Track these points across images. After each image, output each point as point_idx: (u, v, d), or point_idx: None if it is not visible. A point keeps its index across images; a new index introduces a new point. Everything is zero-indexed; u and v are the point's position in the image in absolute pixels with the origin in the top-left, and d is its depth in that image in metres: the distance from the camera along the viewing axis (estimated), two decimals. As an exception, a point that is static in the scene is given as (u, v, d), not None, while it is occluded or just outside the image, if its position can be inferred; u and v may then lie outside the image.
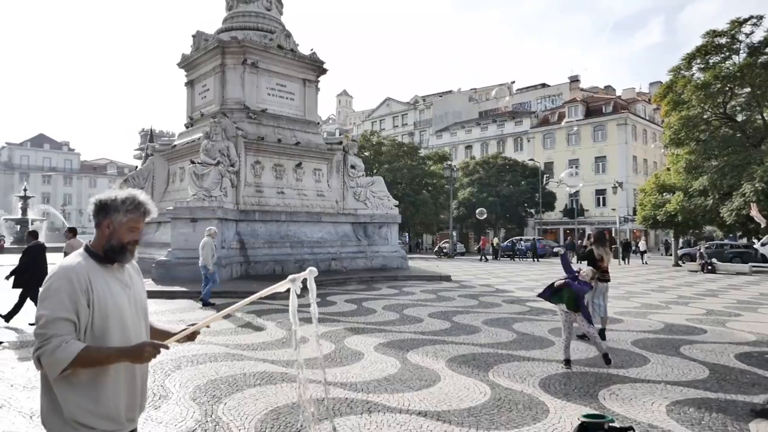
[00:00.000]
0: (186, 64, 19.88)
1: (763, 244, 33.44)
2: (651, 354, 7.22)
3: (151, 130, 60.21)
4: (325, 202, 19.15)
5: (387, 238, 20.12)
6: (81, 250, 2.13)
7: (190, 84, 20.22)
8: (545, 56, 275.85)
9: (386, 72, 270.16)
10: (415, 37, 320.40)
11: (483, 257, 35.96)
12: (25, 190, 48.75)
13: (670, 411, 4.92)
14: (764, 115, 26.24)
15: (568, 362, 6.42)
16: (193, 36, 19.27)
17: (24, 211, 46.68)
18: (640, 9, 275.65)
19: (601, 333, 8.13)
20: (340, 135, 73.62)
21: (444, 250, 42.91)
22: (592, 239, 9.00)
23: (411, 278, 17.91)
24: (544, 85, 73.17)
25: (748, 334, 8.80)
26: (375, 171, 41.23)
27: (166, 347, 2.02)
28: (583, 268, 6.87)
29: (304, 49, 20.18)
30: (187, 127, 20.10)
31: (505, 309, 11.55)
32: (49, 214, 57.80)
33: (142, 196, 2.15)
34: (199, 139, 17.09)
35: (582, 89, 67.83)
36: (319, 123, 21.65)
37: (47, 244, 11.83)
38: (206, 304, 11.39)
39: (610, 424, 3.94)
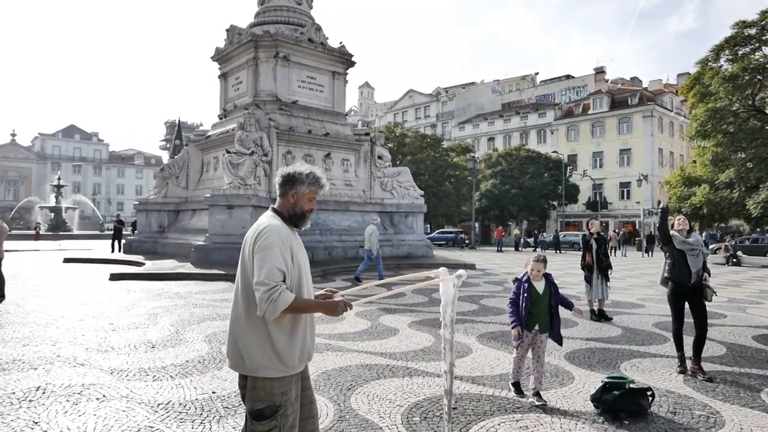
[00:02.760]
0: (220, 57, 20.57)
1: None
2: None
3: (178, 121, 61.68)
4: (353, 192, 19.71)
5: (413, 227, 20.61)
6: (270, 212, 2.59)
7: (223, 76, 20.93)
8: (570, 48, 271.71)
9: (408, 63, 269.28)
10: (438, 29, 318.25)
11: (499, 248, 36.42)
12: (59, 179, 50.48)
13: (686, 380, 5.36)
14: (794, 107, 25.95)
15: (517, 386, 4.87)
16: (227, 30, 19.93)
17: (57, 199, 48.41)
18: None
19: (600, 313, 8.58)
20: (362, 126, 74.13)
21: (466, 241, 43.27)
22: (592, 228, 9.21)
23: (436, 266, 18.35)
24: (568, 77, 72.49)
25: (767, 319, 9.11)
26: (398, 162, 41.62)
27: (351, 307, 2.52)
28: None
29: (332, 42, 20.70)
30: (220, 118, 20.83)
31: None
32: (81, 203, 59.69)
33: (319, 171, 2.65)
34: (232, 129, 17.77)
35: (607, 81, 67.07)
36: (347, 115, 22.19)
37: (77, 232, 12.65)
38: (358, 280, 13.14)
39: (631, 385, 4.44)
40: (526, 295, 4.72)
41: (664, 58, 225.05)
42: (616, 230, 39.09)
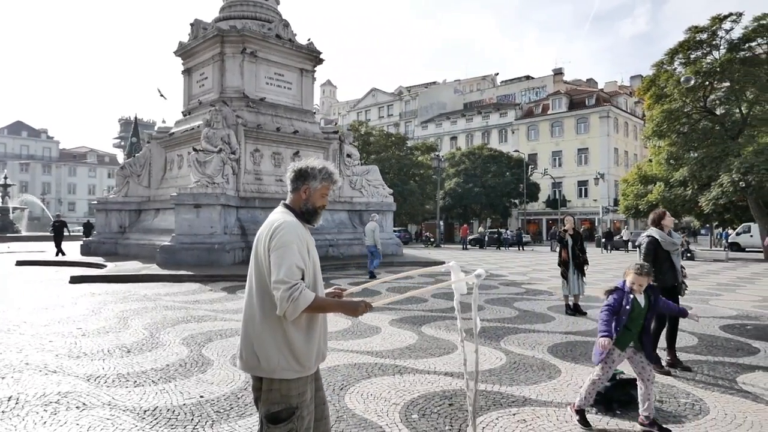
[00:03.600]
0: (183, 52, 20.00)
1: (738, 234, 34.81)
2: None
3: (134, 118, 59.62)
4: (322, 191, 19.51)
5: (382, 225, 20.59)
6: (282, 208, 2.52)
7: (187, 72, 20.36)
8: (529, 49, 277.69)
9: (371, 62, 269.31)
10: (399, 28, 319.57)
11: (465, 246, 36.94)
12: (5, 178, 48.00)
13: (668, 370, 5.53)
14: (742, 108, 27.28)
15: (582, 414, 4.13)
16: (191, 24, 19.40)
17: (4, 199, 46.01)
18: (624, 0, 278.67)
19: (576, 308, 8.80)
20: (325, 125, 73.65)
21: (431, 239, 43.65)
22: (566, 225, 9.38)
23: (407, 264, 18.45)
24: (528, 78, 74.06)
25: (729, 309, 9.54)
26: (364, 161, 41.62)
27: (372, 308, 2.45)
28: None
29: (299, 39, 20.44)
30: (184, 115, 20.27)
31: (502, 290, 12.17)
32: (29, 203, 56.95)
33: (331, 167, 2.56)
34: (198, 126, 17.33)
35: (565, 82, 68.88)
36: (315, 112, 21.99)
37: (26, 234, 12.13)
38: (372, 276, 13.75)
39: (620, 376, 4.54)
40: (628, 308, 4.13)
41: (619, 59, 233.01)
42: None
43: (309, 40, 20.57)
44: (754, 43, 26.25)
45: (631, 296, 4.17)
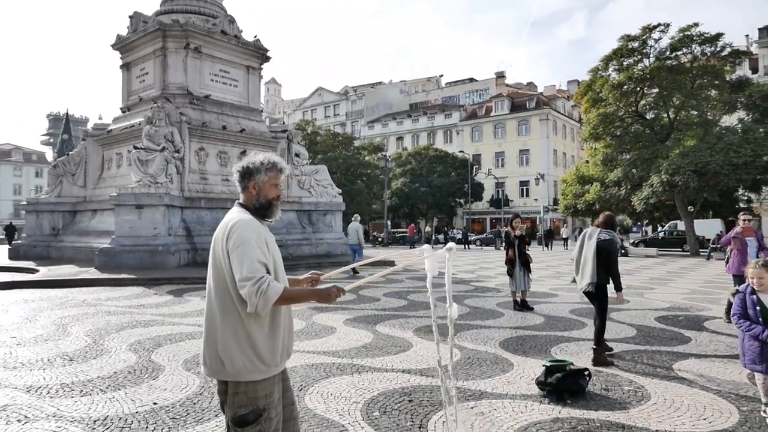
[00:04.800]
0: (122, 46, 19.14)
1: (664, 231, 37.04)
2: (587, 320, 8.26)
3: (66, 114, 56.46)
4: (270, 191, 19.21)
5: (331, 225, 20.54)
6: (237, 207, 2.46)
7: (126, 67, 19.49)
8: (472, 51, 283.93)
9: (316, 61, 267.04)
10: (345, 27, 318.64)
11: (412, 245, 37.45)
12: None
13: (611, 360, 5.85)
14: (669, 113, 29.08)
15: None
16: (131, 17, 18.59)
17: None
18: (562, 5, 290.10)
19: (523, 303, 9.14)
20: (270, 124, 72.25)
21: (379, 239, 43.89)
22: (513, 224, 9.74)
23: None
24: (471, 80, 75.79)
25: (663, 302, 10.18)
26: (311, 161, 41.32)
27: (344, 292, 2.42)
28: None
29: (246, 36, 20.04)
30: (123, 112, 19.40)
31: (452, 288, 12.41)
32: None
33: (275, 156, 2.54)
34: (139, 124, 16.65)
35: (507, 85, 71.02)
36: (262, 111, 21.60)
37: None
38: (356, 272, 14.19)
39: (570, 366, 4.77)
40: (758, 308, 3.90)
41: (558, 63, 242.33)
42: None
43: (255, 37, 20.20)
44: (680, 53, 28.03)
45: (755, 297, 3.92)
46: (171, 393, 4.68)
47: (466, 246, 38.21)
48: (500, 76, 71.20)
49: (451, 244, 2.93)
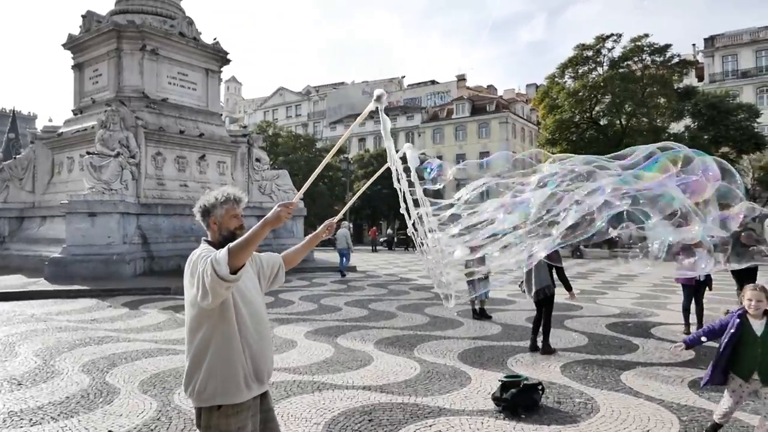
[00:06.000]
0: (74, 45, 18.44)
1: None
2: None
3: (12, 111, 53.97)
4: (230, 196, 18.93)
5: (293, 231, 20.39)
6: (203, 244, 2.51)
7: (78, 67, 18.79)
8: (433, 53, 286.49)
9: (278, 60, 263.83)
10: (307, 27, 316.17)
11: (374, 248, 37.61)
12: None
13: (563, 370, 6.09)
14: (621, 120, 30.23)
15: None
16: (83, 16, 17.93)
17: None
18: (522, 7, 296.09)
19: (482, 312, 9.39)
20: (230, 123, 70.98)
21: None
22: None
23: (319, 269, 18.47)
24: (433, 82, 76.53)
25: (614, 308, 10.61)
26: (272, 162, 40.92)
27: (296, 206, 2.40)
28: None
29: (205, 38, 19.67)
30: (75, 114, 18.70)
31: (413, 296, 12.57)
32: None
33: (227, 188, 2.61)
34: (92, 127, 16.11)
35: (468, 88, 72.07)
36: (222, 114, 21.24)
37: None
38: (343, 275, 16.05)
39: (525, 382, 4.94)
40: (733, 331, 3.77)
41: (517, 66, 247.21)
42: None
43: (215, 39, 19.86)
44: (631, 62, 29.19)
45: (738, 320, 3.77)
46: (127, 419, 4.60)
47: (428, 248, 38.59)
48: (461, 78, 72.17)
49: (379, 91, 2.75)
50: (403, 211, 2.92)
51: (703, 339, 3.98)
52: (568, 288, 7.21)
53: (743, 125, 28.21)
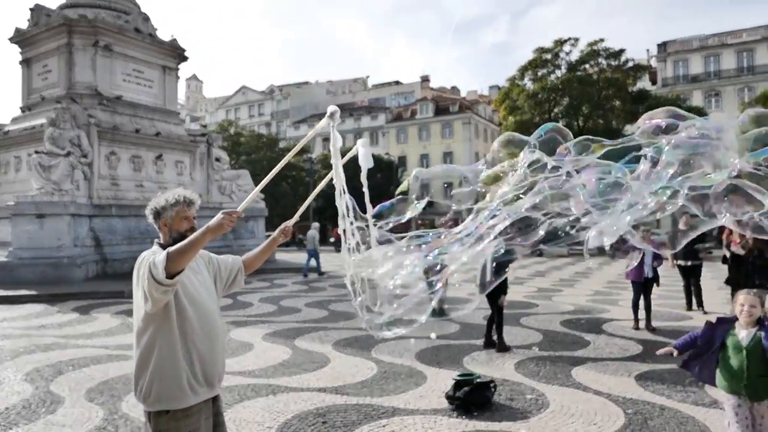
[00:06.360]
0: (21, 40, 17.67)
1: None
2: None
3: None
4: (188, 196, 18.54)
5: (254, 231, 20.13)
6: (154, 246, 2.48)
7: (26, 63, 18.01)
8: (397, 53, 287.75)
9: (240, 58, 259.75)
10: (270, 25, 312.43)
11: (338, 248, 37.56)
12: None
13: (517, 368, 6.22)
14: (579, 121, 31.07)
15: None
16: (32, 9, 17.21)
17: None
18: (486, 9, 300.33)
19: (441, 311, 9.50)
20: (191, 122, 69.50)
21: (304, 242, 43.48)
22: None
23: (280, 270, 18.28)
24: (397, 83, 76.87)
25: (569, 305, 10.89)
26: (234, 163, 40.26)
27: (240, 214, 2.34)
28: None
29: (162, 34, 19.19)
30: (23, 111, 17.93)
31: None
32: None
33: (180, 190, 2.57)
34: (41, 125, 15.48)
35: (432, 88, 72.69)
36: (180, 113, 20.76)
37: None
38: (306, 275, 16.39)
39: (478, 380, 5.02)
40: (717, 345, 3.36)
41: (481, 68, 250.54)
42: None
43: (172, 36, 19.40)
44: (588, 65, 30.05)
45: (725, 326, 3.36)
46: (70, 429, 4.45)
47: (392, 248, 38.77)
48: (425, 79, 72.72)
49: (332, 108, 2.74)
50: (341, 231, 2.90)
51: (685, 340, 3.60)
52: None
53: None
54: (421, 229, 3.60)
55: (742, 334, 3.30)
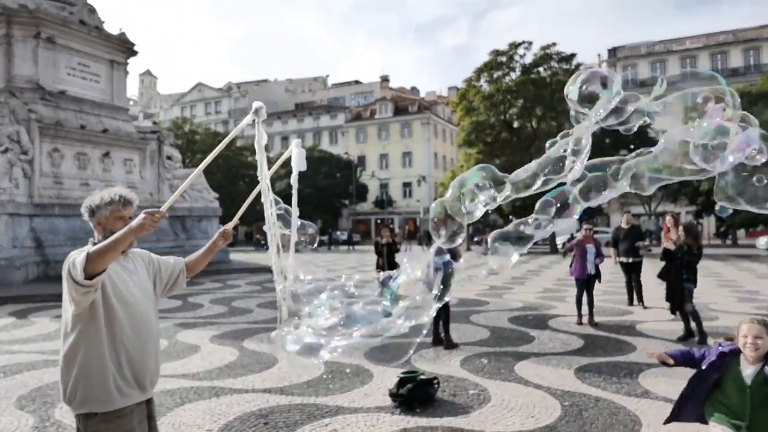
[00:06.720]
0: (-46, 29, 16.70)
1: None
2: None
3: None
4: (138, 195, 17.93)
5: (207, 231, 19.69)
6: (88, 244, 2.36)
7: (-41, 54, 17.05)
8: (357, 52, 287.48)
9: (197, 54, 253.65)
10: (227, 20, 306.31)
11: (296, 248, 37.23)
12: None
13: (462, 364, 6.33)
14: (533, 123, 31.85)
15: None
16: (-35, -2, 16.30)
17: None
18: (447, 11, 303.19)
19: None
20: (144, 119, 67.50)
21: (262, 242, 42.83)
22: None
23: (234, 271, 17.98)
24: (357, 82, 76.86)
25: (518, 302, 11.17)
26: (188, 161, 39.25)
27: (163, 215, 2.28)
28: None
29: (110, 28, 18.53)
30: (-44, 105, 16.95)
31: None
32: None
33: (117, 189, 2.51)
34: (-24, 121, 14.68)
35: (391, 88, 73.00)
36: (129, 109, 20.10)
37: None
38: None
39: (421, 377, 5.09)
40: (716, 377, 2.81)
41: (440, 69, 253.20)
42: (401, 228, 43.13)
43: (121, 29, 18.76)
44: (541, 68, 30.84)
45: (728, 359, 2.79)
46: (-1, 438, 4.25)
47: (351, 247, 38.73)
48: (385, 79, 72.96)
49: (258, 103, 2.68)
50: (267, 229, 2.89)
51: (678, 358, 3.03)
52: None
53: (639, 130, 30.63)
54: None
55: (748, 370, 2.71)
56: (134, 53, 19.18)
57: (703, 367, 2.87)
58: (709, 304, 10.45)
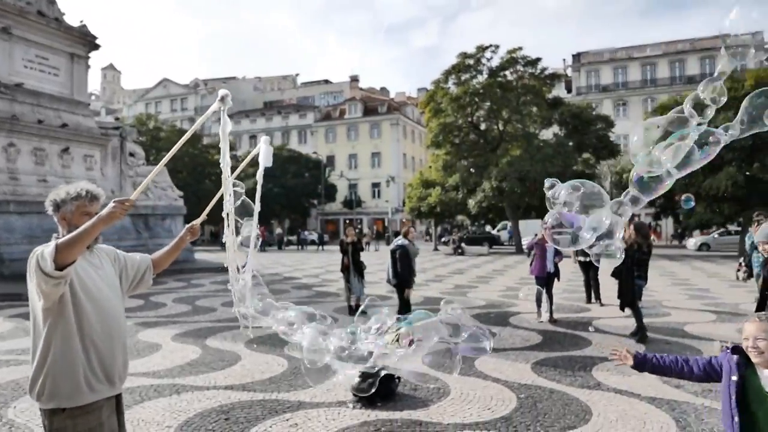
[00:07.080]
0: None
1: (498, 230, 41.16)
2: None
3: None
4: (99, 192, 17.54)
5: (171, 230, 19.37)
6: (52, 242, 2.29)
7: None
8: (328, 52, 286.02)
9: (162, 49, 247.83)
10: (197, 18, 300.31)
11: (262, 248, 36.92)
12: None
13: (424, 359, 6.44)
14: (499, 125, 32.40)
15: None
16: None
17: None
18: (418, 12, 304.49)
19: (357, 308, 9.68)
20: (107, 114, 65.74)
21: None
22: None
23: (199, 270, 17.73)
24: (327, 82, 76.52)
25: (481, 300, 11.40)
26: (153, 158, 38.38)
27: (133, 203, 2.24)
28: None
29: (71, 20, 18.01)
30: None
31: (293, 294, 12.56)
32: None
33: (83, 183, 2.46)
34: (-74, 113, 14.07)
35: (361, 89, 73.00)
36: (90, 104, 19.56)
37: None
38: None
39: (382, 372, 5.17)
40: (737, 392, 2.33)
41: (411, 69, 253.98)
42: (370, 228, 43.19)
43: (82, 21, 18.25)
44: (507, 72, 31.40)
45: (743, 367, 2.36)
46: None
47: (321, 247, 38.59)
48: (354, 79, 72.91)
49: (223, 91, 2.69)
50: (224, 215, 2.95)
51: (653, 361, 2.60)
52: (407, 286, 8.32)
53: (600, 134, 31.61)
54: None
55: (765, 373, 2.31)
56: (96, 47, 18.69)
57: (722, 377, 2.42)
58: (662, 301, 10.90)
